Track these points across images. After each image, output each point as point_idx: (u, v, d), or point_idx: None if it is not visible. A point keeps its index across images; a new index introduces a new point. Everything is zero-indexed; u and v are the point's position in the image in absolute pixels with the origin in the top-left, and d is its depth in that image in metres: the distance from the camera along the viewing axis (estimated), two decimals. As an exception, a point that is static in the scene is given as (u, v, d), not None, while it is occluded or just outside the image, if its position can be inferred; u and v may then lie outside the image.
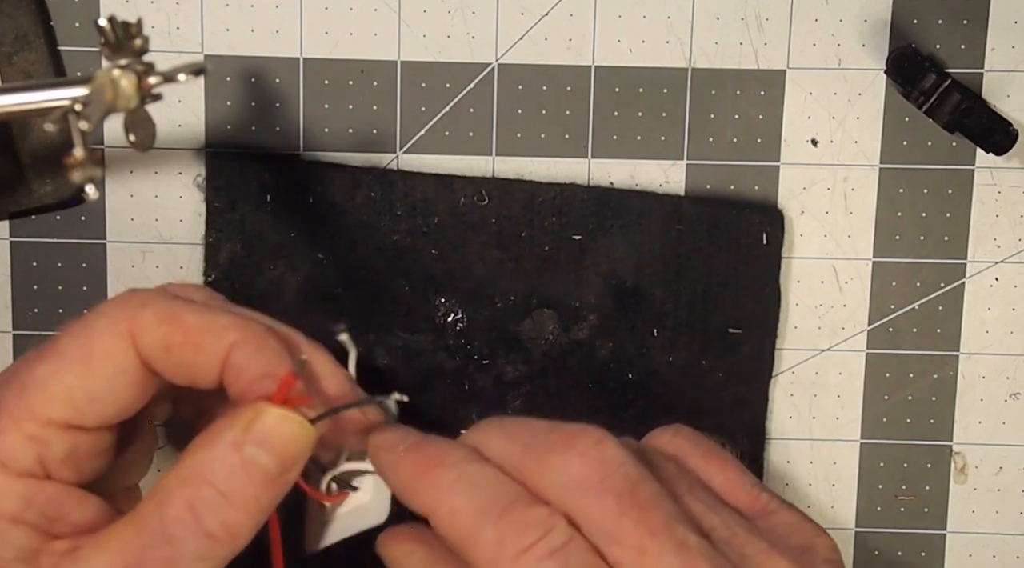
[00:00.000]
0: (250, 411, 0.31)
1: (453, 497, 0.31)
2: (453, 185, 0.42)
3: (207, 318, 0.32)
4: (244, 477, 0.30)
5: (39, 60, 0.42)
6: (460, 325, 0.43)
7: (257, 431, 0.31)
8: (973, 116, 0.41)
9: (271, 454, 0.31)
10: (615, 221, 0.42)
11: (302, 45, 0.43)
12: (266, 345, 0.32)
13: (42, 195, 0.42)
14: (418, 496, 0.32)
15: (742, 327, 0.43)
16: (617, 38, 0.43)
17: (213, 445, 0.31)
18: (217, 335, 0.32)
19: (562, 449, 0.32)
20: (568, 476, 0.31)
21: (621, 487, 0.31)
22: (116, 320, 0.32)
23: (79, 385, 0.31)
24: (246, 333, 0.32)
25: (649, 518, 0.31)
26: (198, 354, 0.32)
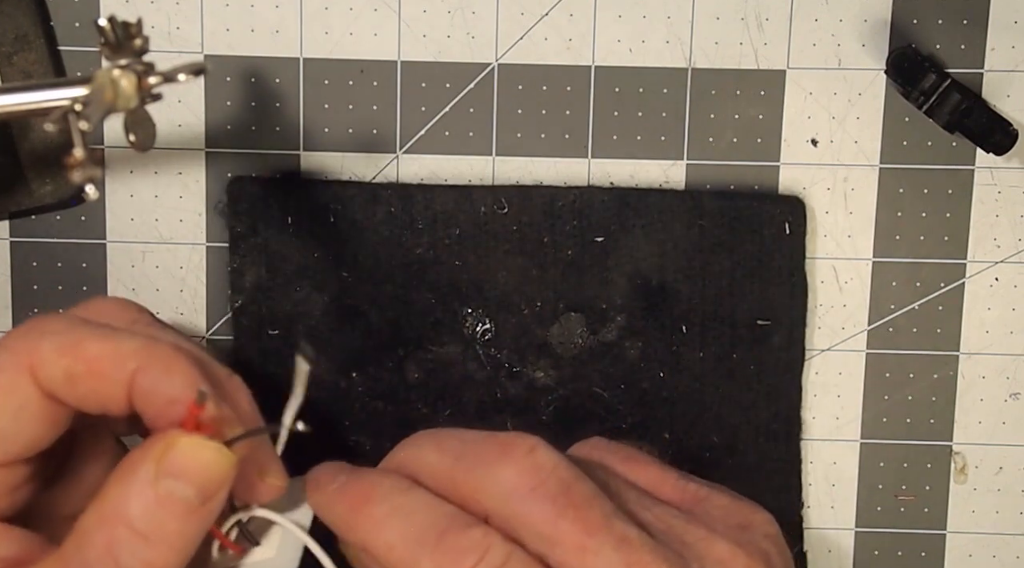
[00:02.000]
0: (162, 442, 0.30)
1: (387, 532, 0.31)
2: (472, 195, 0.42)
3: (110, 345, 0.31)
4: (162, 513, 0.29)
5: (39, 60, 0.42)
6: (488, 334, 0.43)
7: (171, 462, 0.30)
8: (973, 116, 0.41)
9: (190, 485, 0.30)
10: (636, 220, 0.43)
11: (302, 45, 0.43)
12: (173, 368, 0.31)
13: (42, 195, 0.42)
14: (354, 533, 0.31)
15: (770, 318, 0.43)
16: (617, 38, 0.43)
17: (128, 481, 0.29)
18: (120, 362, 0.31)
19: (495, 459, 0.32)
20: (503, 486, 0.31)
21: (556, 490, 0.31)
22: (15, 354, 0.30)
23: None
24: (150, 356, 0.31)
25: (586, 516, 0.31)
26: (102, 383, 0.31)
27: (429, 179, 0.43)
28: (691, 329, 0.43)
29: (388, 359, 0.43)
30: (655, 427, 0.43)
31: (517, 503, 0.31)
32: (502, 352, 0.43)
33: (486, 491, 0.31)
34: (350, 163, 0.43)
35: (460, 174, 0.43)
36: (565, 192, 0.43)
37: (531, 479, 0.31)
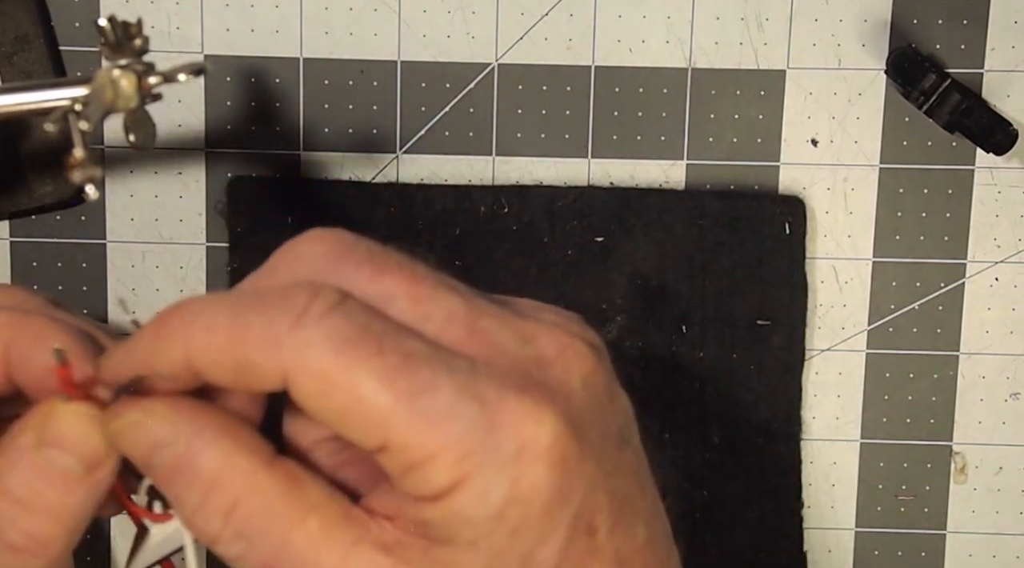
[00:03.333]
0: (41, 411, 0.29)
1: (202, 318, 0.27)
2: (472, 195, 0.42)
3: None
4: (42, 482, 0.28)
5: (39, 60, 0.42)
6: None
7: (50, 431, 0.28)
8: (973, 116, 0.41)
9: (70, 454, 0.28)
10: (636, 221, 0.43)
11: (302, 45, 0.43)
12: (42, 336, 0.29)
13: (42, 195, 0.42)
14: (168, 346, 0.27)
15: (770, 318, 0.43)
16: (617, 38, 0.43)
17: (7, 452, 0.28)
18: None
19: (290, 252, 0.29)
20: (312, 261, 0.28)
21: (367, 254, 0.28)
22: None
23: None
24: (18, 327, 0.29)
25: (408, 270, 0.28)
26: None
27: (429, 179, 0.43)
28: (691, 329, 0.43)
29: None
30: (655, 427, 0.43)
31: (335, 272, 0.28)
32: None
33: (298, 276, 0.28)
34: (350, 163, 0.43)
35: (460, 174, 0.43)
36: (565, 192, 0.43)
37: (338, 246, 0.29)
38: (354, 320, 0.27)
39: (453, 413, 0.26)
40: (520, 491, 0.25)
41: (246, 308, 0.27)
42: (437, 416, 0.25)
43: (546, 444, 0.25)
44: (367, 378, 0.26)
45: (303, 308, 0.26)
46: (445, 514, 0.25)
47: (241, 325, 0.27)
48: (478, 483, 0.25)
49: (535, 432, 0.25)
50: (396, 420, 0.25)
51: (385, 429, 0.26)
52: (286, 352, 0.26)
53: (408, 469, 0.25)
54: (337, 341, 0.26)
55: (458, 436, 0.25)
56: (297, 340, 0.26)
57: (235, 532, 0.27)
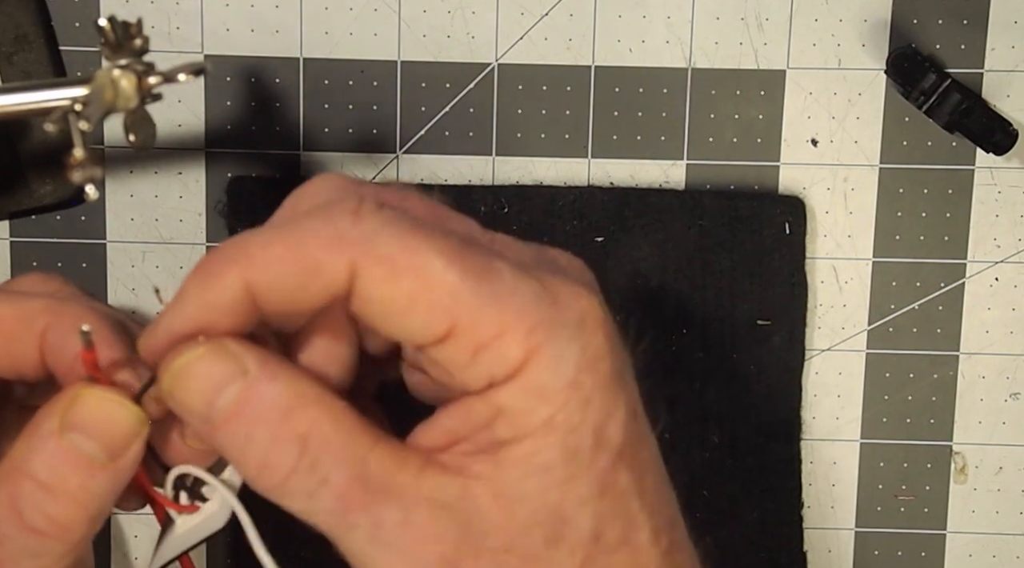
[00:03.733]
0: (67, 395, 0.29)
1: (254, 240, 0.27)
2: (472, 195, 0.42)
3: (17, 306, 0.30)
4: (66, 467, 0.28)
5: (39, 60, 0.42)
6: None
7: (75, 416, 0.28)
8: (973, 116, 0.41)
9: (94, 439, 0.28)
10: (636, 221, 0.43)
11: (302, 45, 0.43)
12: (79, 320, 0.29)
13: (42, 195, 0.42)
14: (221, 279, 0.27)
15: (770, 318, 0.43)
16: (617, 38, 0.43)
17: (33, 437, 0.28)
18: (27, 322, 0.30)
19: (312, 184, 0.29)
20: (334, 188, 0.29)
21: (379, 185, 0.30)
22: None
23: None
24: (57, 313, 0.30)
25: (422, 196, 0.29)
26: (15, 345, 0.30)
27: (429, 179, 0.43)
28: (691, 329, 0.43)
29: None
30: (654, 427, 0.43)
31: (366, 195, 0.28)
32: None
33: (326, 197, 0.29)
34: (350, 163, 0.43)
35: (460, 174, 0.43)
36: (565, 192, 0.43)
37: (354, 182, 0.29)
38: (406, 215, 0.27)
39: (518, 289, 0.26)
40: (589, 357, 0.26)
41: (299, 220, 0.27)
42: (504, 292, 0.26)
43: (601, 316, 0.27)
44: (435, 258, 0.26)
45: (356, 207, 0.27)
46: (521, 392, 0.26)
47: (299, 232, 0.27)
48: (551, 351, 0.26)
49: (590, 304, 0.27)
50: (465, 298, 0.26)
51: (454, 309, 0.26)
52: (352, 244, 0.26)
53: (479, 350, 0.26)
54: (401, 227, 0.26)
55: (527, 309, 0.26)
56: (362, 230, 0.26)
57: (311, 462, 0.27)
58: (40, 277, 0.34)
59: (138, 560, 0.44)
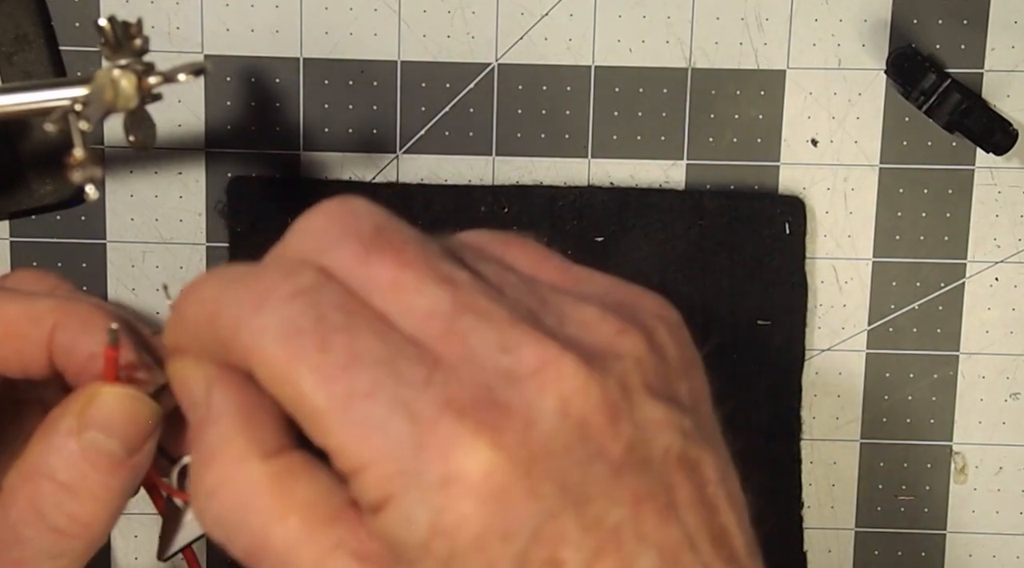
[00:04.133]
0: (84, 394, 0.29)
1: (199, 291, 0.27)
2: (472, 195, 0.42)
3: (26, 305, 0.30)
4: (86, 465, 0.28)
5: (39, 60, 0.42)
6: None
7: (93, 414, 0.28)
8: (973, 116, 0.41)
9: (113, 436, 0.29)
10: (636, 221, 0.43)
11: (302, 45, 0.43)
12: (90, 323, 0.30)
13: (42, 195, 0.42)
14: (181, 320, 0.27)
15: (770, 318, 0.43)
16: (617, 38, 0.43)
17: (50, 435, 0.28)
18: (36, 321, 0.30)
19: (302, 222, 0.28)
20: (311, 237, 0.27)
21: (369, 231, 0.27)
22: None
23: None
24: (67, 312, 0.30)
25: (401, 254, 0.26)
26: (22, 344, 0.30)
27: (429, 179, 0.43)
28: (691, 329, 0.43)
29: None
30: None
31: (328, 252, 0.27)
32: None
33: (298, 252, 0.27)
34: (350, 163, 0.43)
35: (460, 174, 0.43)
36: (565, 192, 0.43)
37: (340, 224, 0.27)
38: (314, 309, 0.25)
39: (385, 426, 0.24)
40: (444, 523, 0.23)
41: (230, 283, 0.26)
42: (370, 425, 0.24)
43: (477, 478, 0.23)
44: (306, 374, 0.24)
45: (268, 290, 0.25)
46: (381, 531, 0.24)
47: (219, 300, 0.26)
48: (402, 506, 0.23)
49: (464, 463, 0.23)
50: (331, 422, 0.24)
51: (322, 430, 0.24)
52: (244, 335, 0.25)
53: (346, 475, 0.24)
54: (289, 330, 0.25)
55: (386, 451, 0.23)
56: (254, 325, 0.25)
57: (214, 518, 0.26)
58: (35, 274, 0.34)
59: (138, 560, 0.44)
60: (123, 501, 0.29)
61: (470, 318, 0.25)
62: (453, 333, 0.25)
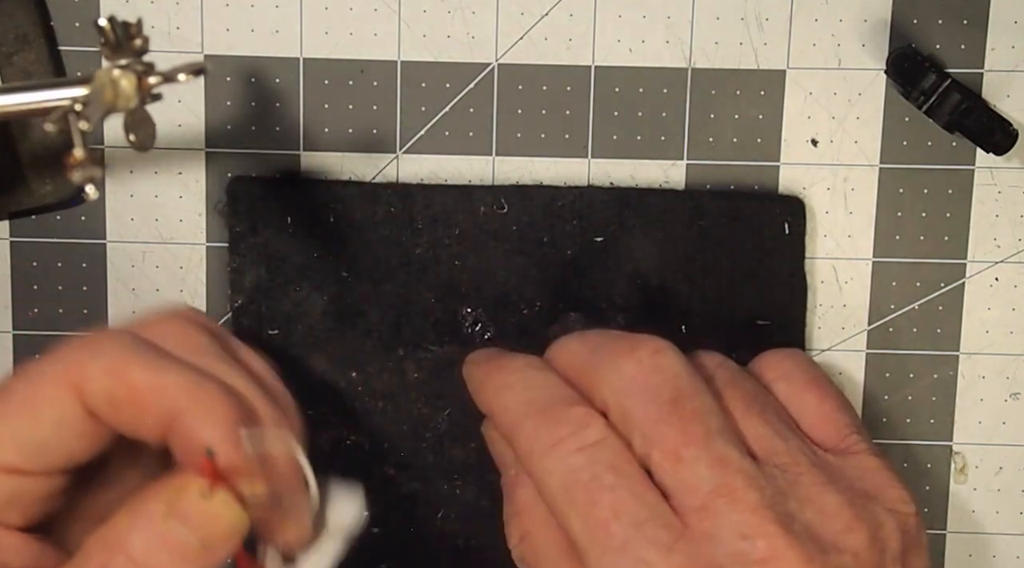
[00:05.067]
0: (178, 482, 0.30)
1: (506, 396, 0.33)
2: (472, 195, 0.42)
3: (156, 377, 0.31)
4: (162, 550, 0.30)
5: (39, 60, 0.42)
6: (488, 334, 0.43)
7: (182, 506, 0.30)
8: (973, 116, 0.41)
9: (194, 532, 0.30)
10: (636, 220, 0.43)
11: (302, 45, 0.43)
12: (212, 415, 0.31)
13: (42, 195, 0.42)
14: (482, 396, 0.35)
15: (770, 318, 0.43)
16: (617, 38, 0.43)
17: (136, 513, 0.30)
18: (163, 396, 0.31)
19: (623, 354, 0.33)
20: (620, 380, 0.32)
21: (668, 395, 0.32)
22: (65, 367, 0.31)
23: (24, 430, 0.30)
24: (193, 398, 0.31)
25: (689, 428, 0.31)
26: (143, 413, 0.31)
27: (429, 179, 0.43)
28: (691, 329, 0.43)
29: (388, 359, 0.43)
30: None
31: (628, 398, 0.32)
32: None
33: (606, 382, 0.33)
34: (350, 163, 0.43)
35: (460, 174, 0.43)
36: (565, 192, 0.43)
37: (647, 378, 0.32)
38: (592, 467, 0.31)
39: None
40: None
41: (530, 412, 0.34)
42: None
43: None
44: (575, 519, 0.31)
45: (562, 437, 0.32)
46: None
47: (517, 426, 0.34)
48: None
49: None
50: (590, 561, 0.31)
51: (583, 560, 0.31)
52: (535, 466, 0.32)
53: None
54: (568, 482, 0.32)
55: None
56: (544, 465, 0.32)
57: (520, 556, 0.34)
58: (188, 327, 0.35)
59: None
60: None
61: (724, 502, 0.30)
62: (706, 510, 0.30)
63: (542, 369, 0.35)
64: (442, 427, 0.43)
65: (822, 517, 0.31)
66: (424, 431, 0.43)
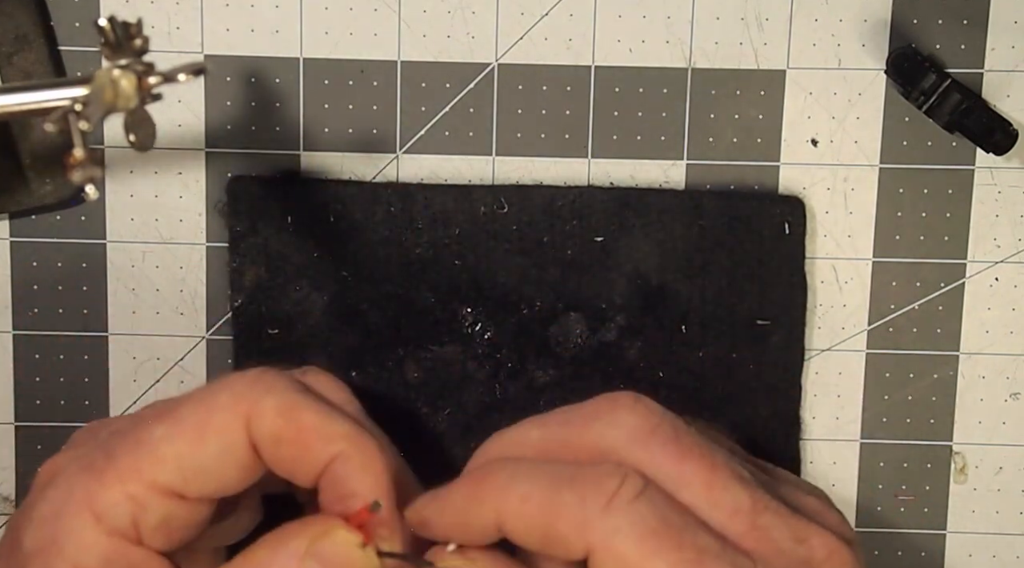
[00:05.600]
0: (321, 524, 0.31)
1: (517, 487, 0.31)
2: (472, 195, 0.42)
3: (323, 421, 0.32)
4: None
5: (39, 60, 0.42)
6: (488, 334, 0.43)
7: (322, 548, 0.31)
8: (973, 116, 0.41)
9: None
10: (636, 220, 0.43)
11: (302, 45, 0.43)
12: (371, 465, 0.32)
13: (42, 195, 0.42)
14: (481, 507, 0.31)
15: (770, 318, 0.43)
16: (617, 38, 0.43)
17: (278, 548, 0.31)
18: (327, 441, 0.32)
19: (608, 411, 0.33)
20: (625, 431, 0.32)
21: (672, 434, 0.32)
22: (238, 398, 0.32)
23: (189, 454, 0.31)
24: (356, 447, 0.32)
25: (705, 458, 0.32)
26: (305, 454, 0.32)
27: (429, 179, 0.43)
28: (691, 329, 0.43)
29: (388, 359, 0.43)
30: None
31: (641, 447, 0.31)
32: (501, 351, 0.43)
33: (607, 440, 0.32)
34: (350, 163, 0.43)
35: (460, 174, 0.43)
36: (565, 192, 0.43)
37: (647, 423, 0.32)
38: (657, 509, 0.30)
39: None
40: None
41: (561, 484, 0.30)
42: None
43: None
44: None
45: (613, 492, 0.30)
46: None
47: (555, 501, 0.30)
48: None
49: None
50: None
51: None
52: (595, 532, 0.29)
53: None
54: (642, 530, 0.29)
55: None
56: (606, 524, 0.29)
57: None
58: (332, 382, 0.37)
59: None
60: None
61: (769, 516, 0.31)
62: (757, 529, 0.31)
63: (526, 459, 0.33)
64: (442, 427, 0.43)
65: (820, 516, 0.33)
66: (424, 431, 0.43)
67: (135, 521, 0.31)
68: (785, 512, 0.32)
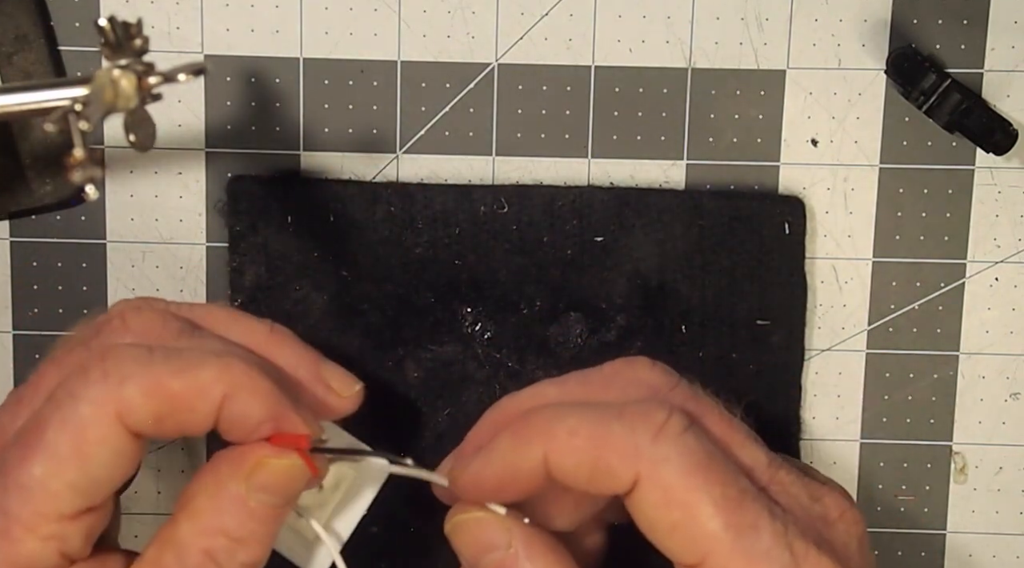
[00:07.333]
0: (250, 461, 0.32)
1: (564, 422, 0.31)
2: (472, 195, 0.42)
3: (190, 379, 0.32)
4: (255, 521, 0.32)
5: (39, 60, 0.42)
6: (488, 333, 0.43)
7: (262, 480, 0.32)
8: (973, 116, 0.41)
9: (278, 495, 0.32)
10: (636, 220, 0.43)
11: (302, 45, 0.43)
12: (257, 392, 0.32)
13: (42, 195, 0.42)
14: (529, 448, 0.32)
15: (770, 318, 0.43)
16: (617, 38, 0.43)
17: (219, 496, 0.32)
18: (205, 396, 0.32)
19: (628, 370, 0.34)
20: (644, 387, 0.33)
21: (691, 392, 0.34)
22: (101, 405, 0.31)
23: (79, 476, 0.31)
24: (233, 385, 0.32)
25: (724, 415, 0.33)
26: (190, 416, 0.32)
27: (429, 179, 0.43)
28: (691, 329, 0.43)
29: (388, 358, 0.43)
30: None
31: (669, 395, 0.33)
32: (501, 351, 0.43)
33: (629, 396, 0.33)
34: (350, 163, 0.43)
35: (460, 174, 0.43)
36: (565, 192, 0.43)
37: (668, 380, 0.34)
38: (704, 445, 0.31)
39: (770, 556, 0.29)
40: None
41: (609, 417, 0.31)
42: (756, 554, 0.29)
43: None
44: (707, 504, 0.30)
45: (661, 424, 0.31)
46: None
47: (605, 432, 0.31)
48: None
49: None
50: (720, 547, 0.29)
51: (708, 552, 0.30)
52: (644, 461, 0.30)
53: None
54: (689, 462, 0.30)
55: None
56: (656, 453, 0.30)
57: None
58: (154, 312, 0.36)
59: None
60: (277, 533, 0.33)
61: (783, 472, 0.32)
62: (777, 483, 0.32)
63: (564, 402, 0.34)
64: (442, 427, 0.43)
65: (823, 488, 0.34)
66: (424, 431, 0.43)
67: (62, 552, 0.31)
68: (797, 472, 0.33)
